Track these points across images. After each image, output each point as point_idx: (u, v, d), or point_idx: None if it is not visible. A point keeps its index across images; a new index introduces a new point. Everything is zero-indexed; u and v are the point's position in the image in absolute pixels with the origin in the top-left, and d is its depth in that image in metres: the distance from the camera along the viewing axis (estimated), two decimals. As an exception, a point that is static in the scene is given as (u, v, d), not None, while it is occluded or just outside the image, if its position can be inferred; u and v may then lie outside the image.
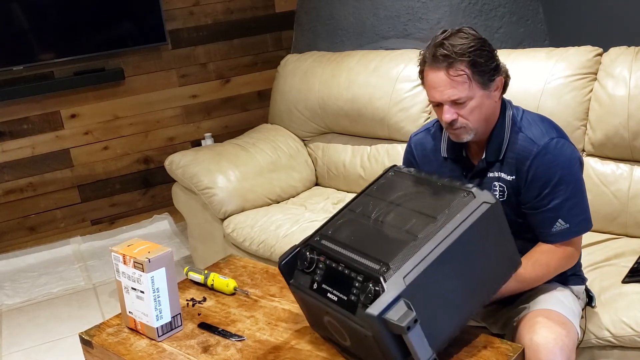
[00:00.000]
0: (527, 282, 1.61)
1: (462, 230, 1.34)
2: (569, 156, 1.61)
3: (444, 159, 1.76)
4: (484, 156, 1.67)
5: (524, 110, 1.69)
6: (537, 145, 1.60)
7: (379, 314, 1.25)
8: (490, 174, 1.68)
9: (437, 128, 1.79)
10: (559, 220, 1.59)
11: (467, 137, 1.63)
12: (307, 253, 1.47)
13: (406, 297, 1.27)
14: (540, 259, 1.61)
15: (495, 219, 1.40)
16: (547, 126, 1.65)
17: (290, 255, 1.51)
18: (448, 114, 1.58)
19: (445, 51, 1.54)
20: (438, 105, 1.62)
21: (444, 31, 1.60)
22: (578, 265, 1.79)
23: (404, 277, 1.28)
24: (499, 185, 1.67)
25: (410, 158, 1.86)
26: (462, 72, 1.54)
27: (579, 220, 1.61)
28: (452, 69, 1.55)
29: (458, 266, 1.35)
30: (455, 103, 1.58)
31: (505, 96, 1.71)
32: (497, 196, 1.67)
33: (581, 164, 1.65)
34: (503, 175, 1.66)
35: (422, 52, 1.62)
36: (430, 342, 1.31)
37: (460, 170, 1.73)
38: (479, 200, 1.38)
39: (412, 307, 1.26)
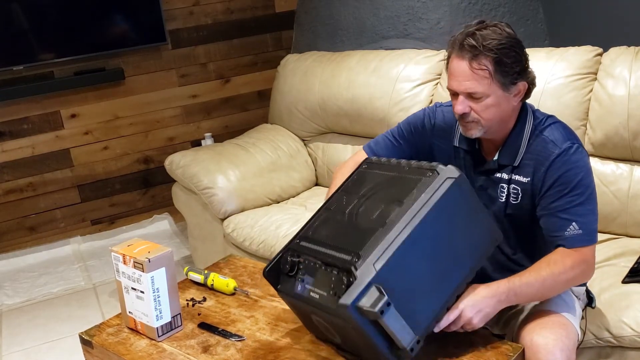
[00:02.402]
0: (543, 279, 1.51)
1: (428, 208, 1.36)
2: (588, 165, 1.58)
3: (456, 147, 1.73)
4: (496, 157, 1.65)
5: (548, 116, 1.66)
6: (558, 148, 1.56)
7: (351, 303, 1.26)
8: (499, 175, 1.66)
9: None
10: (573, 224, 1.53)
11: (475, 133, 1.60)
12: (288, 257, 1.49)
13: (378, 283, 1.28)
14: (556, 258, 1.53)
15: (462, 192, 1.41)
16: (570, 133, 1.61)
17: (273, 262, 1.52)
18: (460, 106, 1.57)
19: (473, 42, 1.51)
20: (454, 95, 1.59)
21: (481, 22, 1.56)
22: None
23: (373, 264, 1.30)
24: (513, 187, 1.63)
25: (424, 117, 1.80)
26: (485, 67, 1.51)
27: (591, 229, 1.55)
28: (475, 62, 1.52)
29: (430, 245, 1.36)
30: (471, 96, 1.55)
31: None
32: (511, 199, 1.64)
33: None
34: (518, 177, 1.62)
35: (452, 37, 1.58)
36: (413, 325, 1.32)
37: (471, 162, 1.70)
38: (443, 177, 1.40)
39: (384, 291, 1.27)
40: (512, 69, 1.54)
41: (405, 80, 2.76)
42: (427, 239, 1.36)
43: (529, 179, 1.61)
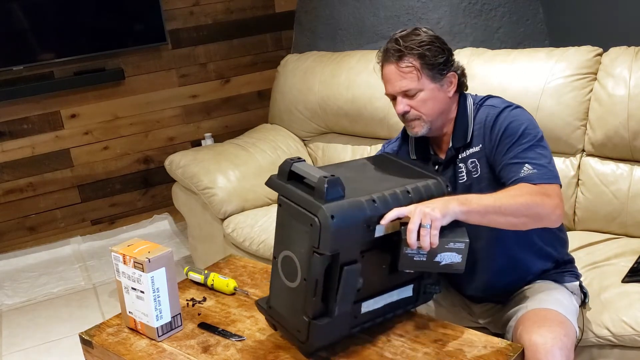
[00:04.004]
0: (497, 196, 1.48)
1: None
2: (531, 119, 1.65)
3: (414, 160, 1.79)
4: (450, 145, 1.72)
5: (487, 95, 1.76)
6: (498, 109, 1.67)
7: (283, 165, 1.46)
8: (457, 158, 1.72)
9: (405, 133, 1.83)
10: (526, 165, 1.57)
11: (421, 131, 1.69)
12: None
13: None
14: (513, 187, 1.54)
15: (396, 156, 1.70)
16: (509, 102, 1.71)
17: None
18: (401, 105, 1.67)
19: (397, 46, 1.66)
20: (394, 99, 1.70)
21: (402, 30, 1.70)
22: (570, 261, 1.82)
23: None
24: (470, 162, 1.69)
25: None
26: (411, 65, 1.64)
27: (548, 169, 1.57)
28: (401, 62, 1.65)
29: (368, 165, 1.62)
30: (407, 95, 1.66)
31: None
32: (473, 175, 1.69)
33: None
34: (471, 150, 1.70)
35: (379, 50, 1.71)
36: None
37: (433, 166, 1.77)
38: None
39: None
40: (437, 61, 1.65)
41: (405, 80, 2.76)
42: (365, 164, 1.63)
43: (480, 145, 1.68)
